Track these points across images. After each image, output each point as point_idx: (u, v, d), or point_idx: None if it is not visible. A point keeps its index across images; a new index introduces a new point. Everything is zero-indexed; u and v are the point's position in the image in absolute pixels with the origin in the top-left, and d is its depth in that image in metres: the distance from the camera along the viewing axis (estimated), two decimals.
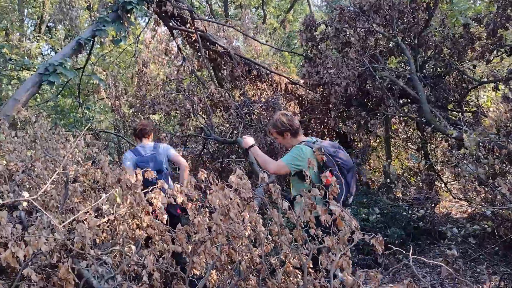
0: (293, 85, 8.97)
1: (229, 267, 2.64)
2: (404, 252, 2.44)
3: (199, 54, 8.33)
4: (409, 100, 6.93)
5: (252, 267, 2.59)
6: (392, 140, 8.30)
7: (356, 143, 9.02)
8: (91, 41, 6.46)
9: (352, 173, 3.39)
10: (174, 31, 8.30)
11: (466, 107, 7.38)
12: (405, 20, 6.96)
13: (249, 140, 3.90)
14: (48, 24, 18.50)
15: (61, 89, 7.37)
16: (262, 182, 2.61)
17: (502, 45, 6.42)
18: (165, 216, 3.17)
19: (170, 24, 8.16)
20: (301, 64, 10.20)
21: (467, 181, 4.50)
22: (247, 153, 4.07)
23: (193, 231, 2.69)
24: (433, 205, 5.83)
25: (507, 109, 4.74)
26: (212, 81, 8.04)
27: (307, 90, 8.47)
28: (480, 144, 3.89)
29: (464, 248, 4.94)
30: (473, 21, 6.59)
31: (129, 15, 6.52)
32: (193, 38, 8.19)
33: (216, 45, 8.22)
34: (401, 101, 7.30)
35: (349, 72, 5.84)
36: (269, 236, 2.75)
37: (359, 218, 5.31)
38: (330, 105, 6.91)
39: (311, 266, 2.61)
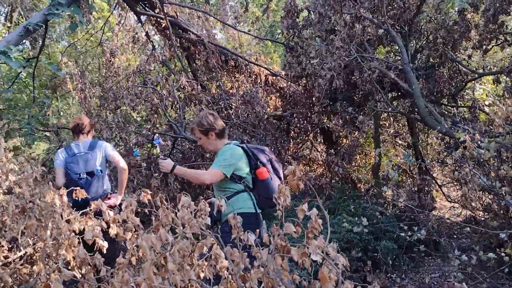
0: (274, 77, 8.28)
1: None
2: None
3: (170, 42, 7.57)
4: (400, 94, 6.28)
5: None
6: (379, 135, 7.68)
7: (342, 141, 8.39)
8: (43, 27, 5.64)
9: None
10: (141, 16, 7.52)
11: (461, 101, 6.78)
12: (395, 6, 6.30)
13: (167, 163, 3.29)
14: (22, 12, 17.40)
15: (13, 80, 6.55)
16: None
17: (503, 32, 5.80)
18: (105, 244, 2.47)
19: (137, 8, 7.38)
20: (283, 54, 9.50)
21: (470, 190, 3.88)
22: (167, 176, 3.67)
23: None
24: (427, 211, 5.21)
25: None
26: (184, 72, 7.29)
27: (289, 83, 7.80)
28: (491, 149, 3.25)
29: (463, 265, 4.33)
30: (470, 6, 5.95)
31: None
32: (163, 25, 7.43)
33: (189, 32, 7.46)
34: (390, 95, 6.66)
35: (334, 63, 5.14)
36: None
37: (343, 229, 4.67)
38: (314, 99, 6.23)
39: None
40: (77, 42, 11.32)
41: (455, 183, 5.71)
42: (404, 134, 8.28)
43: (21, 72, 6.60)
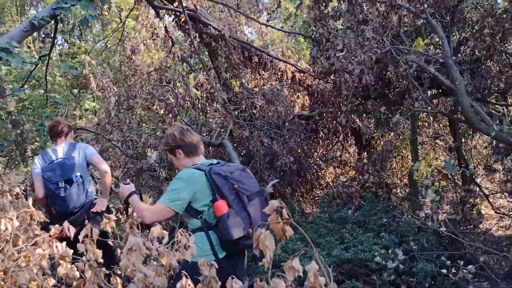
0: (302, 74, 7.71)
1: None
2: None
3: (189, 38, 7.12)
4: (441, 91, 5.57)
5: None
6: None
7: (376, 142, 7.72)
8: (50, 21, 5.30)
9: (258, 200, 2.62)
10: (159, 11, 7.11)
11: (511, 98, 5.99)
12: None
13: (125, 189, 2.67)
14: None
15: (25, 79, 6.27)
16: None
17: None
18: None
19: (155, 2, 6.98)
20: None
21: None
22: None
23: None
24: (472, 226, 4.53)
25: None
26: (205, 70, 6.82)
27: (318, 80, 7.20)
28: None
29: None
30: None
31: None
32: (182, 19, 7.00)
33: (209, 26, 6.99)
34: (430, 92, 5.95)
35: (364, 56, 4.52)
36: None
37: (372, 248, 4.07)
38: (342, 97, 5.62)
39: None
40: (102, 39, 11.13)
41: (505, 195, 4.98)
42: (445, 135, 7.52)
43: (33, 70, 6.32)
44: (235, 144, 6.29)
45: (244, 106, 6.67)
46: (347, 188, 5.54)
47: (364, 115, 5.74)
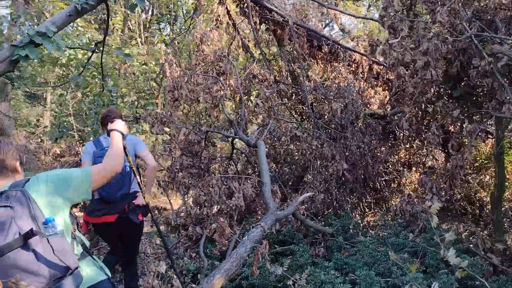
0: (380, 66, 6.74)
1: None
2: None
3: (251, 24, 6.53)
4: None
5: None
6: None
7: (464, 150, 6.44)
8: (96, 7, 5.06)
9: None
10: None
11: None
12: None
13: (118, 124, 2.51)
14: None
15: (84, 67, 6.19)
16: None
17: None
18: None
19: None
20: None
21: None
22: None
23: None
24: None
25: None
26: (264, 60, 6.19)
27: (397, 72, 6.17)
28: None
29: None
30: None
31: None
32: (245, 4, 6.43)
33: (273, 12, 6.33)
34: None
35: (429, 45, 3.52)
36: None
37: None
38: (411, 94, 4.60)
39: None
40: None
41: None
42: None
43: (91, 57, 6.21)
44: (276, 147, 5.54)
45: (303, 102, 5.92)
46: (412, 205, 4.54)
47: (431, 119, 4.65)
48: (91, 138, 6.05)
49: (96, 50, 6.04)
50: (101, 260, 2.77)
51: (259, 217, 4.76)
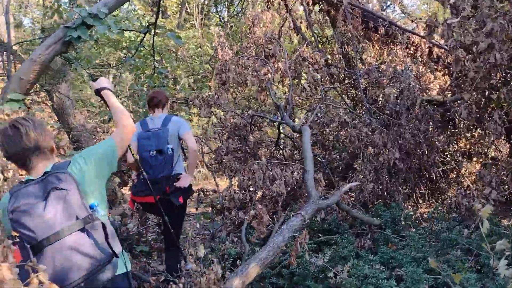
0: (441, 50, 6.32)
1: None
2: None
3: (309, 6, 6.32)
4: None
5: None
6: None
7: None
8: None
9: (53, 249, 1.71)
10: None
11: None
12: None
13: (99, 83, 2.42)
14: None
15: (136, 49, 6.28)
16: None
17: None
18: None
19: None
20: None
21: None
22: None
23: None
24: None
25: None
26: (316, 42, 5.98)
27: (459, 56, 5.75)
28: None
29: None
30: None
31: None
32: None
33: None
34: None
35: (494, 24, 3.18)
36: None
37: None
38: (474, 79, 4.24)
39: None
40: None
41: None
42: None
43: (143, 39, 6.29)
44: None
45: (356, 86, 5.67)
46: (468, 199, 4.23)
47: (494, 107, 4.27)
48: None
49: (148, 32, 6.11)
50: None
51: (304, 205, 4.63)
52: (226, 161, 5.09)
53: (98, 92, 2.40)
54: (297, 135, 5.11)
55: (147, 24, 6.03)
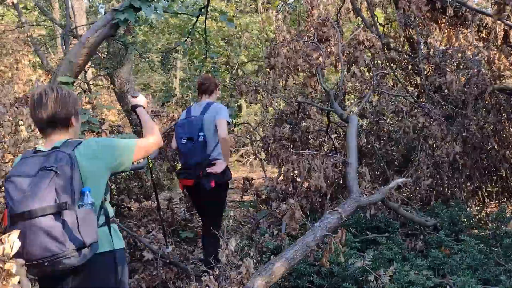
0: None
1: None
2: None
3: None
4: None
5: None
6: None
7: None
8: None
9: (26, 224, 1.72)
10: None
11: None
12: None
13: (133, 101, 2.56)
14: None
15: (189, 33, 6.20)
16: None
17: None
18: None
19: None
20: None
21: None
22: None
23: None
24: None
25: None
26: (374, 23, 5.54)
27: None
28: None
29: None
30: None
31: None
32: None
33: None
34: None
35: None
36: None
37: None
38: None
39: None
40: None
41: None
42: None
43: (195, 23, 6.19)
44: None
45: (419, 72, 5.19)
46: None
47: None
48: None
49: (201, 15, 6.01)
50: None
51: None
52: (272, 149, 4.89)
53: (133, 108, 2.53)
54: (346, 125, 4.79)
55: (200, 7, 5.92)
